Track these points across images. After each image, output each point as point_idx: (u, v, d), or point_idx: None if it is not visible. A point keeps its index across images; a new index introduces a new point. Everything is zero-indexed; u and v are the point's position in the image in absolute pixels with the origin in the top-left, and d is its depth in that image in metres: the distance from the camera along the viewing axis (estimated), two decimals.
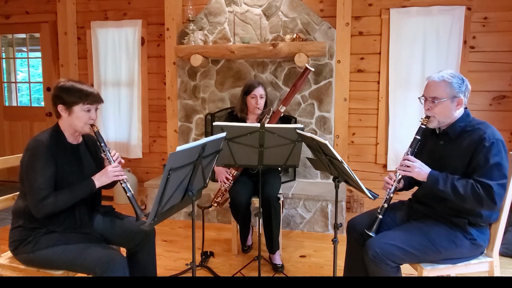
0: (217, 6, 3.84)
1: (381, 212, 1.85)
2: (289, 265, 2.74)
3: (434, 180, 1.71)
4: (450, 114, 1.78)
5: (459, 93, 1.75)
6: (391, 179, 1.87)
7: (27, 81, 5.41)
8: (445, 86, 1.75)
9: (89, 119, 1.80)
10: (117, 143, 4.45)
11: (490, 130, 1.70)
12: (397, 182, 1.85)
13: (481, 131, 1.70)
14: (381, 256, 1.69)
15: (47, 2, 4.54)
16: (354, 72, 3.78)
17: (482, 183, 1.62)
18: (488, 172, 1.63)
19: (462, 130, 1.78)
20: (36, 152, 1.69)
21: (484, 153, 1.65)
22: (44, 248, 1.70)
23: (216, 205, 2.78)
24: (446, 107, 1.76)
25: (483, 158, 1.65)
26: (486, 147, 1.65)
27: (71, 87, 1.77)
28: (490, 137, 1.66)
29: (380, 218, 1.84)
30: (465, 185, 1.64)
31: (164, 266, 2.69)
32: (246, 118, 2.84)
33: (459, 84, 1.75)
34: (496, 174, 1.63)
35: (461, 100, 1.76)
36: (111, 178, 1.79)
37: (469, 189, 1.63)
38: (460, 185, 1.65)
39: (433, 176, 1.72)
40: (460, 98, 1.76)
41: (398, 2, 3.62)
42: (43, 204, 1.66)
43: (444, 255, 1.74)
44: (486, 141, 1.66)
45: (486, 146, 1.65)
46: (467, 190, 1.63)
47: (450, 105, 1.76)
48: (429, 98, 1.80)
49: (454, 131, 1.79)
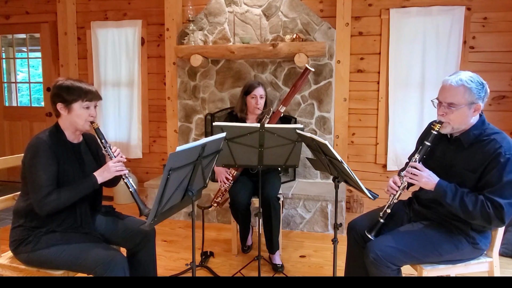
0: (217, 6, 3.84)
1: (383, 216, 1.82)
2: (289, 265, 2.74)
3: (442, 192, 1.64)
4: (466, 121, 1.67)
5: (478, 99, 1.63)
6: (395, 184, 1.79)
7: (27, 81, 5.42)
8: (464, 92, 1.61)
9: (89, 116, 1.81)
10: (117, 143, 4.44)
11: (506, 143, 1.60)
12: (402, 189, 1.78)
13: (497, 144, 1.60)
14: (382, 259, 1.68)
15: (47, 2, 4.55)
16: (354, 72, 3.78)
17: (493, 201, 1.55)
18: (501, 190, 1.56)
19: (476, 138, 1.67)
20: (38, 149, 1.70)
21: (499, 170, 1.56)
22: (45, 248, 1.70)
23: (216, 205, 2.79)
24: (463, 114, 1.64)
25: (497, 174, 1.57)
26: (501, 163, 1.56)
27: (70, 85, 1.78)
28: (506, 153, 1.57)
29: (381, 222, 1.82)
30: (474, 202, 1.58)
31: (164, 266, 2.69)
32: (246, 118, 2.85)
33: (479, 90, 1.62)
34: (508, 193, 1.55)
35: (479, 107, 1.64)
36: (113, 173, 1.80)
37: (478, 207, 1.56)
38: (469, 202, 1.58)
39: (441, 188, 1.64)
40: (478, 104, 1.63)
41: (398, 2, 3.63)
42: (46, 201, 1.66)
43: (445, 258, 1.73)
44: (502, 156, 1.57)
45: (501, 162, 1.56)
46: (476, 207, 1.57)
47: (467, 112, 1.64)
48: (445, 104, 1.66)
49: (468, 139, 1.69)
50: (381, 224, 1.83)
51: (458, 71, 1.71)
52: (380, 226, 1.83)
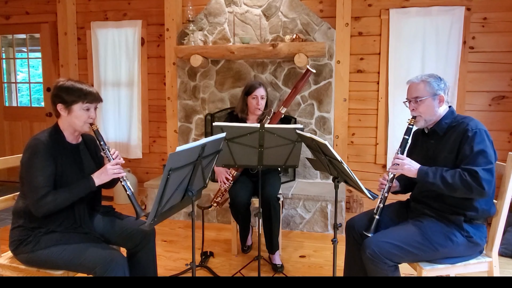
0: (217, 6, 3.84)
1: (378, 212, 1.88)
2: (288, 265, 2.74)
3: (424, 174, 1.75)
4: (434, 112, 1.86)
5: (439, 90, 1.84)
6: (384, 179, 1.93)
7: (27, 82, 5.42)
8: (425, 86, 1.85)
9: (89, 118, 1.81)
10: (117, 143, 4.45)
11: (472, 122, 1.76)
12: (390, 181, 1.91)
13: (464, 124, 1.78)
14: (379, 255, 1.70)
15: (47, 2, 4.55)
16: (353, 72, 3.78)
17: (468, 170, 1.66)
18: (473, 159, 1.68)
19: (449, 126, 1.85)
20: (35, 150, 1.69)
21: (468, 143, 1.71)
22: (44, 248, 1.71)
23: (216, 205, 2.79)
24: (429, 105, 1.85)
25: (467, 147, 1.71)
26: (470, 136, 1.71)
27: (71, 86, 1.77)
28: (473, 127, 1.73)
29: (377, 218, 1.87)
30: (453, 175, 1.69)
31: (164, 266, 2.69)
32: (247, 118, 2.85)
33: (437, 83, 1.85)
34: (481, 161, 1.67)
35: (442, 97, 1.85)
36: (111, 176, 1.79)
37: (457, 177, 1.67)
38: (448, 175, 1.69)
39: (423, 171, 1.76)
40: (441, 95, 1.85)
41: (397, 2, 3.63)
42: (43, 202, 1.66)
43: (442, 253, 1.75)
44: (469, 131, 1.72)
45: (470, 136, 1.71)
46: (455, 179, 1.67)
47: (432, 103, 1.85)
48: (412, 99, 1.90)
49: (441, 128, 1.86)
50: (377, 220, 1.87)
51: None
52: (377, 222, 1.86)
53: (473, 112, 3.51)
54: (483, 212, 1.77)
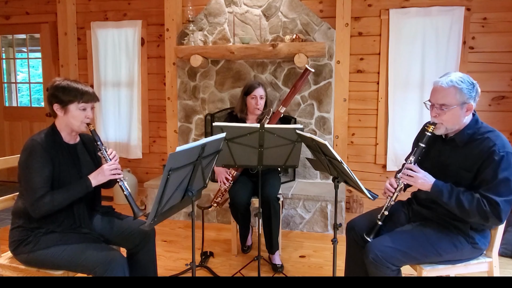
0: (217, 6, 3.84)
1: (381, 219, 1.82)
2: (288, 265, 2.74)
3: (438, 192, 1.65)
4: (459, 121, 1.69)
5: (469, 99, 1.65)
6: (392, 186, 1.81)
7: (27, 82, 5.42)
8: (455, 93, 1.64)
9: (85, 118, 1.80)
10: (117, 143, 4.46)
11: (500, 141, 1.61)
12: (398, 191, 1.79)
13: (490, 142, 1.61)
14: (382, 259, 1.68)
15: (47, 2, 4.55)
16: (353, 72, 3.78)
17: (488, 199, 1.56)
18: (496, 187, 1.57)
19: (470, 138, 1.69)
20: (32, 151, 1.69)
21: (493, 168, 1.58)
22: (44, 248, 1.70)
23: (215, 205, 2.79)
24: (455, 114, 1.66)
25: (491, 172, 1.58)
26: (496, 161, 1.57)
27: (67, 86, 1.77)
28: (500, 150, 1.58)
29: (380, 224, 1.82)
30: (470, 200, 1.59)
31: (164, 266, 2.69)
32: (246, 118, 2.85)
33: (469, 90, 1.65)
34: (504, 190, 1.56)
35: (471, 106, 1.67)
36: (108, 176, 1.78)
37: (474, 204, 1.58)
38: (465, 200, 1.59)
39: (437, 187, 1.66)
40: (470, 104, 1.66)
41: (397, 2, 3.63)
42: (40, 203, 1.66)
43: (445, 258, 1.73)
44: (496, 154, 1.58)
45: (496, 160, 1.58)
46: (473, 205, 1.58)
47: (459, 112, 1.66)
48: (437, 105, 1.69)
49: (462, 139, 1.71)
50: (379, 226, 1.83)
51: (449, 72, 1.73)
52: (379, 228, 1.83)
53: None
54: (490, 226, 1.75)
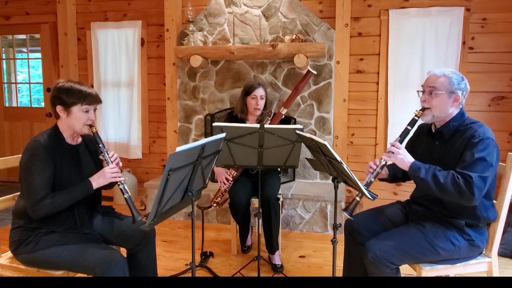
0: (217, 7, 3.85)
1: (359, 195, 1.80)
2: (288, 266, 2.75)
3: (416, 169, 1.70)
4: (446, 110, 1.78)
5: (457, 89, 1.76)
6: (375, 164, 1.86)
7: (27, 82, 5.42)
8: (445, 80, 1.77)
9: (88, 120, 1.80)
10: (117, 143, 4.46)
11: (481, 129, 1.70)
12: (380, 167, 1.83)
13: (472, 130, 1.71)
14: (381, 258, 1.69)
15: (47, 3, 4.55)
16: (353, 73, 3.79)
17: (463, 174, 1.61)
18: (471, 165, 1.63)
19: (456, 129, 1.78)
20: (34, 153, 1.69)
21: (470, 149, 1.66)
22: (44, 248, 1.71)
23: (215, 206, 2.79)
24: (443, 101, 1.77)
25: (469, 153, 1.66)
26: (474, 143, 1.66)
27: (70, 87, 1.77)
28: (480, 135, 1.67)
29: (357, 200, 1.80)
30: (445, 175, 1.64)
31: (163, 266, 2.70)
32: (246, 119, 2.85)
33: (459, 81, 1.77)
34: (479, 168, 1.61)
35: (458, 97, 1.77)
36: (108, 179, 1.78)
37: (449, 179, 1.62)
38: (440, 175, 1.64)
39: (416, 165, 1.72)
40: (457, 94, 1.76)
41: (397, 3, 3.63)
42: (40, 205, 1.66)
43: (443, 256, 1.74)
44: (475, 138, 1.67)
45: (474, 142, 1.66)
46: (447, 179, 1.62)
47: (447, 100, 1.77)
48: (427, 88, 1.81)
49: (448, 131, 1.80)
50: (357, 202, 1.80)
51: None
52: (356, 204, 1.80)
53: (472, 113, 3.50)
54: (484, 220, 1.76)
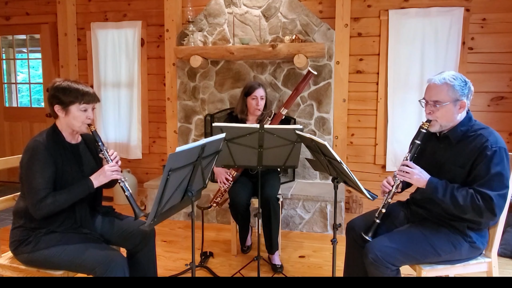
0: (217, 7, 3.85)
1: (379, 217, 1.83)
2: (288, 266, 2.75)
3: (433, 188, 1.68)
4: (453, 118, 1.72)
5: (462, 96, 1.69)
6: (389, 184, 1.83)
7: (27, 82, 5.42)
8: (447, 89, 1.68)
9: (86, 119, 1.80)
10: (117, 143, 4.46)
11: (492, 137, 1.64)
12: (395, 187, 1.81)
13: (483, 138, 1.64)
14: (381, 260, 1.69)
15: (47, 3, 4.56)
16: (353, 73, 3.79)
17: (482, 193, 1.58)
18: (489, 182, 1.59)
19: (464, 135, 1.72)
20: (35, 152, 1.69)
21: (486, 163, 1.60)
22: (45, 248, 1.71)
23: (215, 206, 2.79)
24: (449, 111, 1.70)
25: (484, 167, 1.60)
26: (488, 156, 1.60)
27: (67, 87, 1.77)
28: (493, 145, 1.61)
29: (377, 222, 1.83)
30: (464, 196, 1.61)
31: (163, 267, 2.70)
32: (246, 119, 2.85)
33: (462, 87, 1.69)
34: (497, 184, 1.58)
35: (464, 103, 1.70)
36: (109, 177, 1.79)
37: (469, 200, 1.59)
38: (459, 196, 1.61)
39: (432, 184, 1.68)
40: (463, 101, 1.69)
41: (397, 3, 3.64)
42: (42, 204, 1.66)
43: (444, 258, 1.74)
44: (488, 149, 1.61)
45: (488, 155, 1.60)
46: (467, 201, 1.60)
47: (452, 109, 1.70)
48: (431, 102, 1.73)
49: (456, 136, 1.74)
50: (377, 224, 1.83)
51: (443, 71, 1.76)
52: (377, 226, 1.83)
53: (472, 113, 3.50)
54: (486, 224, 1.76)
